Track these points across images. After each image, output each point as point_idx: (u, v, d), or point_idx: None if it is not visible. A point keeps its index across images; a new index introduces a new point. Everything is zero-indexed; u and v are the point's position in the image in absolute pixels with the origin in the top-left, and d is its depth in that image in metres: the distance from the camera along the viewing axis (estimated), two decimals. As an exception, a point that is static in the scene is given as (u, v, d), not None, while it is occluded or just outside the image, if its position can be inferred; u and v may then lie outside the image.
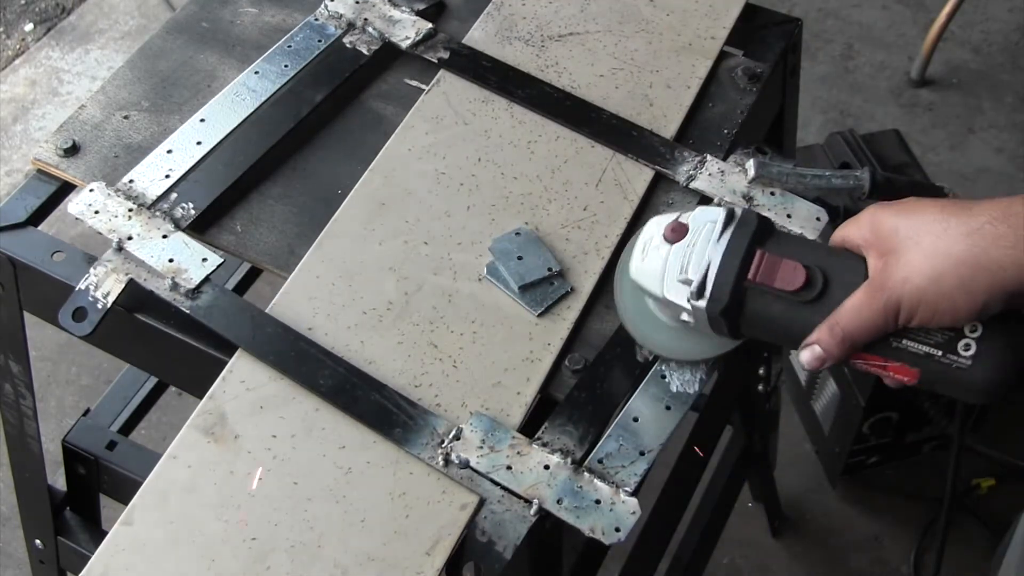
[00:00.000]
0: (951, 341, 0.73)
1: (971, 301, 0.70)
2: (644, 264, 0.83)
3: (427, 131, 1.03)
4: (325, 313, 0.92)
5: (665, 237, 0.81)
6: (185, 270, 0.93)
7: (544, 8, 1.14)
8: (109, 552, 0.80)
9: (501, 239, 0.95)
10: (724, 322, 0.79)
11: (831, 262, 0.77)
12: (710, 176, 1.00)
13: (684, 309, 0.81)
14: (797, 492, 1.87)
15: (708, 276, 0.78)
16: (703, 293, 0.78)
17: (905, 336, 0.74)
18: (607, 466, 0.84)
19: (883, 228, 0.75)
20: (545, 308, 0.92)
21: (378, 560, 0.79)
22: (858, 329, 0.74)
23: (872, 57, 2.47)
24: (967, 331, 0.73)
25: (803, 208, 0.97)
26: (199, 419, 0.86)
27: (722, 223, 0.79)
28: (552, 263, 0.93)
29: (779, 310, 0.77)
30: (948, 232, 0.71)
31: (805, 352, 0.77)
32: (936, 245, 0.72)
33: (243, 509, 0.82)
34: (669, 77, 1.08)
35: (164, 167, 1.00)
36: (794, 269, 0.76)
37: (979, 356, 0.73)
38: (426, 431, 0.85)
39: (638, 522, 0.83)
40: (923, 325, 0.73)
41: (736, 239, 0.78)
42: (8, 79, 2.49)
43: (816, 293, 0.76)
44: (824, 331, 0.76)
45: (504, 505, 0.82)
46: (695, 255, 0.79)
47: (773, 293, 0.77)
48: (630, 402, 0.87)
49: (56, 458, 1.26)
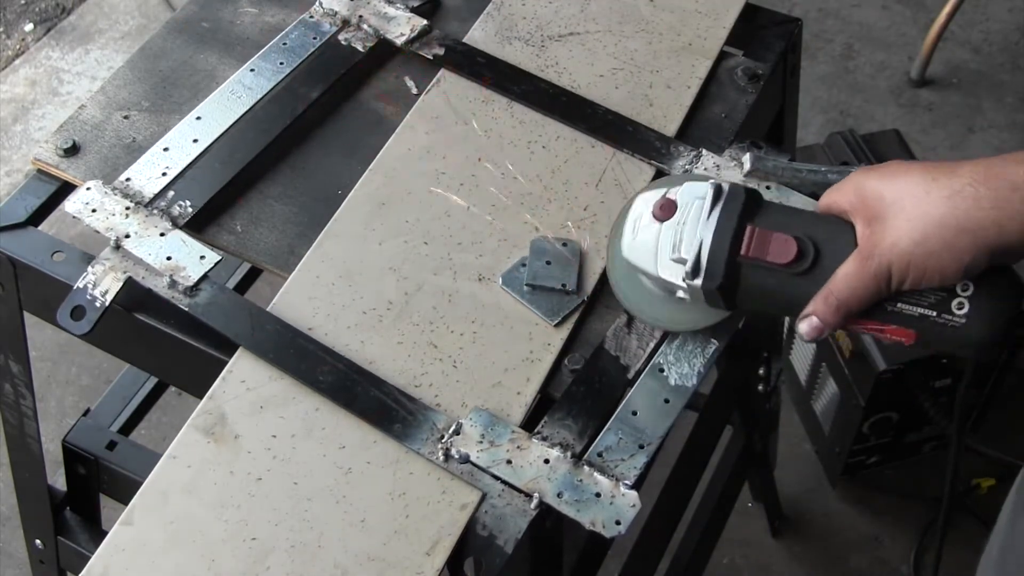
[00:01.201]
0: (944, 301, 0.75)
1: (956, 261, 0.72)
2: (635, 242, 0.84)
3: (427, 131, 1.04)
4: (325, 313, 0.92)
5: (654, 215, 0.82)
6: (183, 268, 0.93)
7: (544, 8, 1.14)
8: (109, 552, 0.80)
9: (542, 241, 0.95)
10: (720, 298, 0.80)
11: (820, 231, 0.78)
12: (706, 171, 1.00)
13: (679, 287, 0.82)
14: (797, 492, 1.87)
15: (702, 255, 0.79)
16: (698, 272, 0.79)
17: (899, 299, 0.76)
18: (607, 459, 0.84)
19: (868, 193, 0.76)
20: (562, 319, 0.91)
21: (378, 560, 0.79)
22: (852, 297, 0.75)
23: (872, 57, 2.47)
24: (959, 290, 0.75)
25: (799, 202, 0.98)
26: (199, 419, 0.86)
27: (711, 199, 0.80)
28: (571, 282, 0.93)
29: (773, 283, 0.78)
30: (930, 195, 0.73)
31: (803, 324, 0.78)
32: (919, 208, 0.73)
33: (243, 509, 0.82)
34: (669, 77, 1.08)
35: (161, 165, 1.00)
36: (785, 242, 0.77)
37: (972, 314, 0.74)
38: (426, 426, 0.85)
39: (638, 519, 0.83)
40: (914, 288, 0.75)
41: (726, 215, 0.79)
42: (8, 79, 2.49)
43: (808, 264, 0.77)
44: (819, 302, 0.77)
45: (504, 499, 0.82)
46: (686, 233, 0.80)
47: (766, 266, 0.78)
48: (629, 396, 0.88)
49: (56, 458, 1.26)
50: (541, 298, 0.92)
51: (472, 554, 0.80)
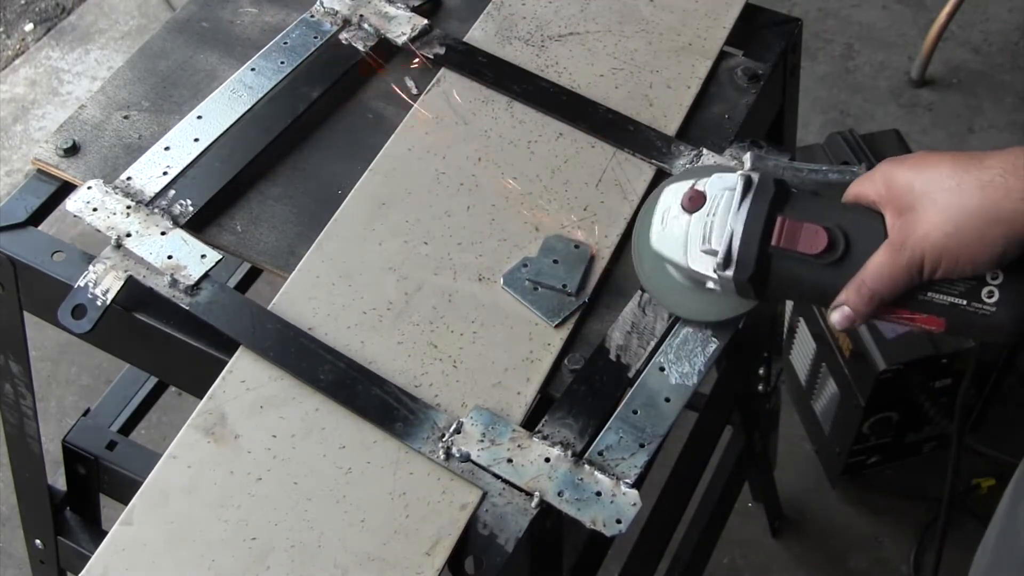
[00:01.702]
0: (974, 290, 0.76)
1: (989, 251, 0.73)
2: (664, 233, 0.84)
3: (427, 131, 1.04)
4: (325, 313, 0.92)
5: (683, 206, 0.83)
6: (184, 267, 0.93)
7: (544, 8, 1.14)
8: (109, 552, 0.80)
9: (556, 239, 0.95)
10: (751, 288, 0.81)
11: (850, 221, 0.79)
12: (707, 171, 1.00)
13: (710, 278, 0.82)
14: (797, 492, 1.87)
15: (732, 246, 0.80)
16: (729, 263, 0.80)
17: (930, 289, 0.77)
18: (607, 458, 0.84)
19: (897, 184, 0.77)
20: (562, 320, 0.91)
21: (378, 560, 0.79)
22: (884, 287, 0.77)
23: (872, 57, 2.47)
24: (988, 279, 0.76)
25: None
26: (199, 419, 0.86)
27: (740, 191, 0.81)
28: (572, 285, 0.92)
29: (804, 273, 0.79)
30: (962, 187, 0.74)
31: (835, 313, 0.79)
32: (951, 200, 0.74)
33: (243, 508, 0.82)
34: (669, 77, 1.08)
35: (162, 164, 1.01)
36: (816, 232, 0.78)
37: (1002, 302, 0.76)
38: (427, 425, 0.85)
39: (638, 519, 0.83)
40: (946, 277, 0.76)
41: (756, 206, 0.80)
42: (8, 79, 2.49)
43: (839, 254, 0.78)
44: (851, 291, 0.78)
45: (505, 498, 0.82)
46: (716, 225, 0.81)
47: (797, 257, 0.78)
48: (629, 395, 0.88)
49: (56, 458, 1.26)
50: (542, 298, 0.92)
51: (473, 553, 0.80)
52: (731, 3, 1.14)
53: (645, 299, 0.93)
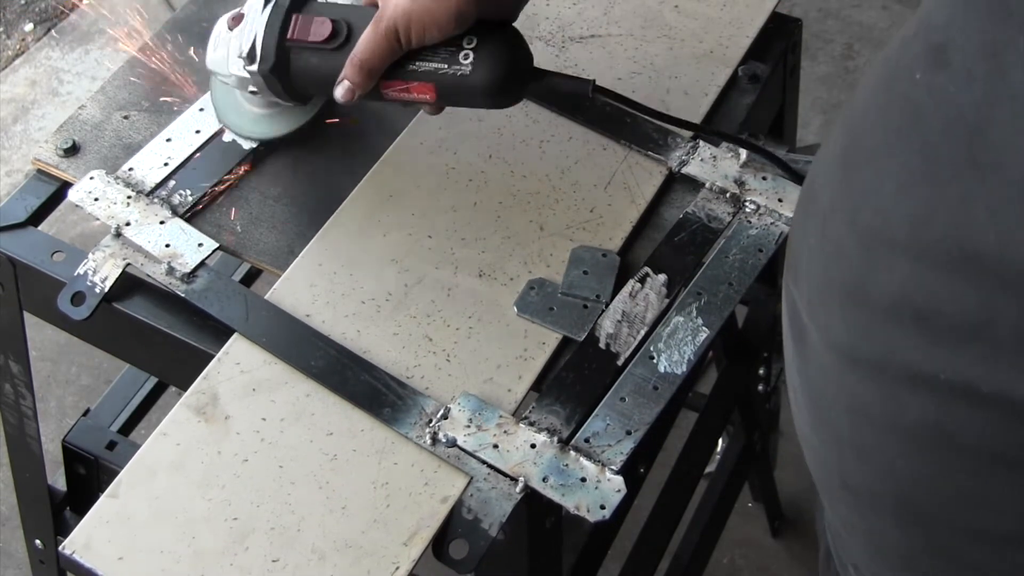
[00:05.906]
0: (454, 55, 0.86)
1: (446, 9, 0.83)
2: (216, 55, 0.95)
3: (440, 125, 1.04)
4: (324, 300, 0.93)
5: (228, 27, 0.94)
6: (181, 255, 0.94)
7: (568, 9, 1.14)
8: (93, 523, 0.82)
9: (583, 250, 0.95)
10: (277, 80, 0.91)
11: (355, 14, 0.90)
12: (702, 161, 1.01)
13: (247, 80, 0.93)
14: (797, 492, 1.87)
15: (256, 43, 0.90)
16: (254, 58, 0.91)
17: (417, 58, 0.87)
18: (593, 445, 0.84)
19: None
20: (588, 332, 0.91)
21: (355, 547, 0.80)
22: (371, 56, 0.86)
23: (872, 57, 2.47)
24: (465, 43, 0.86)
25: (795, 193, 0.98)
26: (192, 398, 0.87)
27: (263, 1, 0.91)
28: (605, 295, 0.93)
29: (316, 60, 0.90)
30: None
31: (338, 89, 0.89)
32: None
33: (227, 488, 0.83)
34: (687, 83, 1.08)
35: (163, 155, 1.02)
36: (323, 23, 0.89)
37: (476, 63, 0.86)
38: (415, 411, 0.86)
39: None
40: (422, 43, 0.85)
41: (275, 11, 0.90)
42: (8, 79, 2.50)
43: (341, 40, 0.89)
44: (348, 66, 0.87)
45: (490, 483, 0.83)
46: (247, 32, 0.92)
47: (309, 47, 0.90)
48: (617, 382, 0.88)
49: (56, 458, 1.26)
50: (561, 317, 0.92)
51: (456, 537, 0.80)
52: (756, 13, 1.13)
53: (636, 289, 0.93)
